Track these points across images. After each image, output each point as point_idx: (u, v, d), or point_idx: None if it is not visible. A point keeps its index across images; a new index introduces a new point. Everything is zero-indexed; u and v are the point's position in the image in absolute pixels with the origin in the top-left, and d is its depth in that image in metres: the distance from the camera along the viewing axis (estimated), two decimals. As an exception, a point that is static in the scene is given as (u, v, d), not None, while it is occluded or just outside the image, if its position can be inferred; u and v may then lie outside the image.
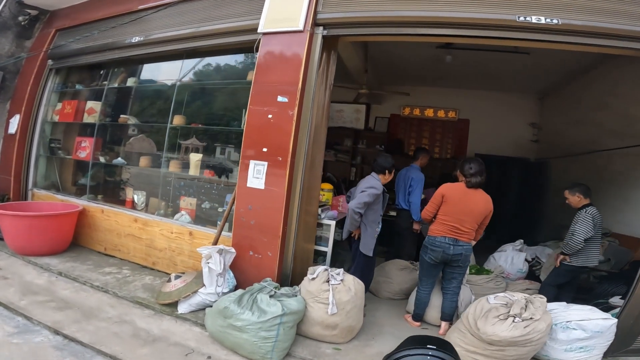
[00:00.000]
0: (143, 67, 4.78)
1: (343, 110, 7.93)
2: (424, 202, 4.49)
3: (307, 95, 3.23)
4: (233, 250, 3.23)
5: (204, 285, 3.12)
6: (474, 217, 3.06)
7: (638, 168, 4.20)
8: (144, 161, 4.47)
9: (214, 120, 4.37)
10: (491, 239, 4.80)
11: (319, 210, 3.63)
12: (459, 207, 3.05)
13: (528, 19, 2.71)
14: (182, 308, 3.11)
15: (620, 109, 4.61)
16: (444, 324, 3.21)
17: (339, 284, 2.95)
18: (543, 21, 2.69)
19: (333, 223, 3.62)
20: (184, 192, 4.19)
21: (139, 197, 4.38)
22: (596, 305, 3.30)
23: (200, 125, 4.23)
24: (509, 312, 2.59)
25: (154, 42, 4.21)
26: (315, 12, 3.27)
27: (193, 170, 4.07)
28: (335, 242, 3.79)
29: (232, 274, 3.28)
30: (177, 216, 4.05)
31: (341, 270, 3.09)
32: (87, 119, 4.89)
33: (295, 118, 3.15)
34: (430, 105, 7.53)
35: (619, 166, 4.52)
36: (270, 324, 2.60)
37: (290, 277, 3.31)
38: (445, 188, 3.14)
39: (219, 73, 4.30)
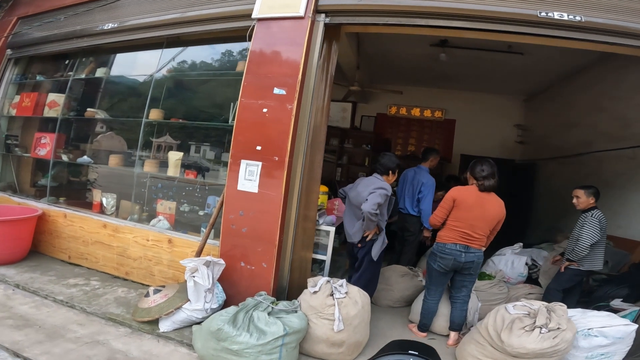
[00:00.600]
0: (116, 56, 4.33)
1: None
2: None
3: (307, 88, 2.91)
4: (222, 262, 2.86)
5: (188, 300, 2.77)
6: (487, 222, 2.86)
7: (633, 171, 4.19)
8: (114, 160, 3.98)
9: (198, 115, 3.94)
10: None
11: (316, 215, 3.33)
12: (472, 212, 2.84)
13: (550, 14, 2.54)
14: (165, 326, 2.73)
15: (614, 111, 4.62)
16: (453, 334, 3.01)
17: (344, 297, 2.67)
18: (565, 17, 2.53)
19: (332, 229, 3.32)
20: (162, 195, 3.74)
21: (108, 200, 3.89)
22: (597, 308, 3.26)
23: (180, 121, 3.79)
24: (534, 322, 2.44)
25: (130, 29, 3.76)
26: (317, -2, 2.97)
27: (172, 171, 3.63)
28: (333, 249, 3.50)
29: (220, 288, 2.92)
30: (153, 222, 3.62)
31: (343, 281, 2.81)
32: (49, 112, 4.39)
33: (294, 113, 2.82)
34: (417, 104, 7.42)
35: (615, 169, 4.53)
36: (271, 346, 2.31)
37: (287, 290, 3.00)
38: (457, 192, 2.92)
39: (204, 63, 3.88)
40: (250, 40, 3.05)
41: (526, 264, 4.22)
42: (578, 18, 2.54)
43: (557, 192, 5.67)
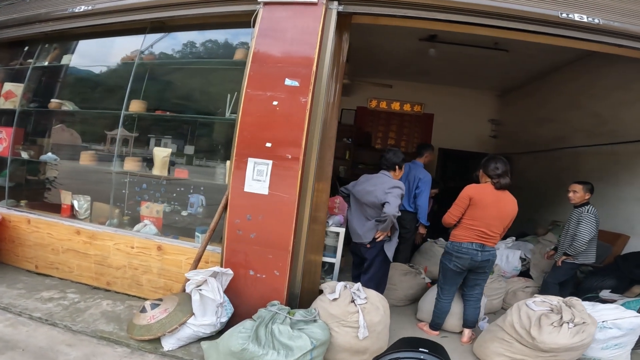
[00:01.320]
0: (87, 42, 3.77)
1: (307, 100, 7.43)
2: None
3: (320, 80, 2.68)
4: (230, 271, 2.61)
5: (192, 314, 2.50)
6: (503, 221, 2.86)
7: (610, 166, 4.45)
8: (86, 157, 3.48)
9: (187, 107, 3.55)
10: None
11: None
12: (489, 211, 2.81)
13: (571, 16, 2.54)
14: (169, 344, 2.46)
15: (590, 109, 4.88)
16: (467, 331, 3.01)
17: (366, 302, 2.54)
18: (585, 20, 2.53)
19: (342, 230, 3.16)
20: (147, 197, 3.33)
21: (80, 204, 3.40)
22: (587, 299, 3.40)
23: (168, 113, 3.38)
24: (561, 318, 2.50)
25: (106, 12, 3.27)
26: (331, -17, 2.73)
27: (159, 169, 3.24)
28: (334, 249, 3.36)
29: (227, 299, 2.66)
30: (138, 226, 3.24)
31: (359, 285, 2.68)
32: (5, 104, 3.80)
33: (309, 107, 2.59)
34: (397, 98, 7.41)
35: (591, 164, 4.79)
36: None
37: (299, 298, 2.79)
38: (473, 190, 2.87)
39: (194, 51, 3.47)
40: (254, 26, 2.75)
41: (520, 257, 4.34)
42: (597, 21, 2.57)
43: (531, 186, 5.95)
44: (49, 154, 3.62)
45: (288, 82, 2.60)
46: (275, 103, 2.62)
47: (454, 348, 2.88)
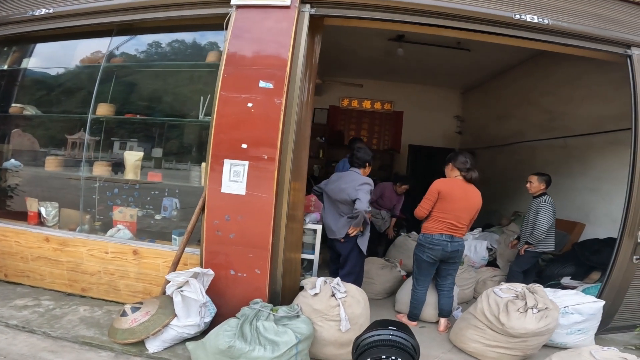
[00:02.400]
0: (49, 45, 3.62)
1: (280, 100, 7.44)
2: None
3: (293, 82, 2.74)
4: (211, 272, 2.63)
5: (175, 316, 2.50)
6: (470, 212, 3.03)
7: (563, 158, 4.82)
8: (52, 163, 3.35)
9: (159, 110, 3.49)
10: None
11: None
12: (458, 204, 2.97)
13: (523, 17, 2.75)
14: (154, 346, 2.45)
15: (543, 104, 5.24)
16: (443, 321, 3.16)
17: (346, 296, 2.63)
18: (536, 20, 2.75)
19: (319, 227, 3.25)
20: (120, 202, 3.26)
21: (48, 210, 3.28)
22: (550, 286, 3.59)
23: (138, 116, 3.32)
24: (525, 304, 2.61)
25: (69, 15, 3.18)
26: (303, -13, 2.80)
27: (131, 173, 3.19)
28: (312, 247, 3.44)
29: (209, 300, 2.68)
30: (111, 232, 3.18)
31: (338, 280, 2.77)
32: None
33: (283, 108, 2.64)
34: (368, 97, 7.60)
35: (546, 157, 5.15)
36: (287, 356, 2.21)
37: (280, 295, 2.85)
38: (442, 184, 3.03)
39: (165, 53, 3.42)
40: (227, 29, 2.77)
41: (487, 248, 4.56)
42: (546, 21, 2.80)
43: (495, 178, 6.30)
44: (12, 160, 3.45)
45: (262, 84, 2.64)
46: (250, 105, 2.66)
47: (432, 337, 3.02)
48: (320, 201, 3.43)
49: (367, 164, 3.30)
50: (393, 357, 2.15)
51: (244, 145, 2.65)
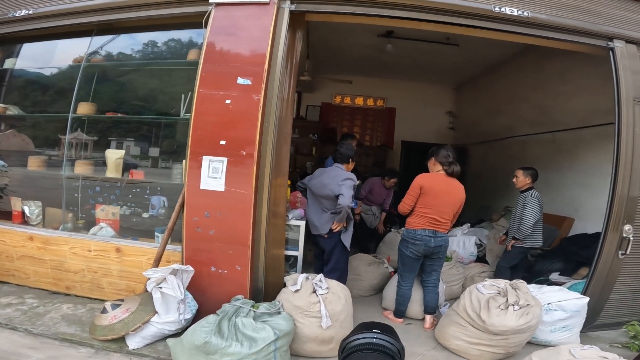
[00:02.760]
0: (30, 45, 3.61)
1: (273, 98, 7.44)
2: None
3: (273, 78, 2.73)
4: (190, 268, 2.63)
5: (156, 313, 2.51)
6: (453, 207, 3.02)
7: (552, 153, 4.80)
8: (34, 162, 3.35)
9: (140, 109, 3.48)
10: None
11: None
12: (440, 199, 2.96)
13: (502, 9, 2.74)
14: (134, 342, 2.47)
15: (533, 99, 5.22)
16: (429, 317, 3.14)
17: (327, 292, 2.64)
18: (515, 13, 2.74)
19: (303, 223, 3.24)
20: (102, 200, 3.26)
21: (32, 209, 3.29)
22: (539, 282, 3.60)
23: (119, 115, 3.32)
24: (506, 300, 2.59)
25: (50, 16, 3.17)
26: (283, -17, 2.79)
27: (112, 172, 3.19)
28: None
29: (190, 296, 2.68)
30: (94, 230, 3.19)
31: (321, 276, 2.77)
32: None
33: (261, 104, 2.63)
34: (361, 94, 7.58)
35: (536, 151, 5.14)
36: (265, 352, 2.21)
37: (263, 291, 2.85)
38: (424, 179, 3.01)
39: (146, 52, 3.40)
40: (206, 26, 2.76)
41: (476, 243, 4.53)
42: (525, 14, 2.78)
43: (486, 174, 6.31)
44: (-1, 160, 3.46)
45: (241, 80, 2.63)
46: (228, 102, 2.65)
47: (417, 334, 3.01)
48: (305, 197, 3.42)
49: (350, 160, 3.29)
50: None
51: (223, 142, 2.64)
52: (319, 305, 2.56)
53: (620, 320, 3.13)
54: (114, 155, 3.11)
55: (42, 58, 3.68)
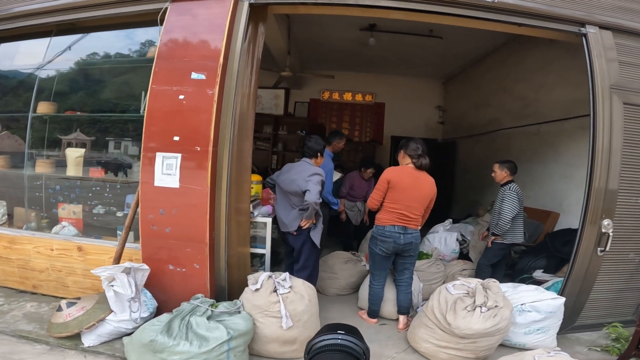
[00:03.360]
0: None
1: (261, 95, 7.44)
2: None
3: (230, 72, 2.67)
4: (146, 266, 2.58)
5: (112, 311, 2.49)
6: (422, 202, 2.90)
7: (537, 145, 4.68)
8: (-2, 161, 3.33)
9: (102, 107, 3.43)
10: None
11: (251, 206, 3.14)
12: (408, 193, 2.85)
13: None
14: (89, 340, 2.47)
15: (517, 91, 5.10)
16: (402, 318, 3.03)
17: (289, 292, 2.56)
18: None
19: (269, 220, 3.17)
20: (62, 198, 3.23)
21: (-4, 209, 3.25)
22: (522, 280, 3.49)
23: (78, 113, 3.29)
24: (474, 302, 2.48)
25: (6, 18, 3.16)
26: (241, -24, 2.72)
27: (73, 170, 3.16)
28: (272, 241, 3.37)
29: (149, 294, 2.66)
30: (56, 228, 3.17)
31: (286, 275, 2.70)
32: None
33: (216, 99, 2.56)
34: (349, 89, 7.49)
35: (521, 144, 5.02)
36: (217, 352, 2.16)
37: (227, 289, 2.80)
38: (391, 173, 2.91)
39: (107, 50, 3.36)
40: (161, 24, 2.70)
41: (457, 239, 4.39)
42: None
43: (474, 168, 6.19)
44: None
45: (194, 75, 2.58)
46: (181, 97, 2.59)
47: (389, 336, 2.91)
48: (274, 193, 3.35)
49: (318, 154, 3.20)
50: None
51: (176, 138, 2.59)
52: (279, 305, 2.49)
53: (601, 321, 3.00)
54: (74, 154, 3.08)
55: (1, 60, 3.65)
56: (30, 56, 3.36)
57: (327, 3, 2.85)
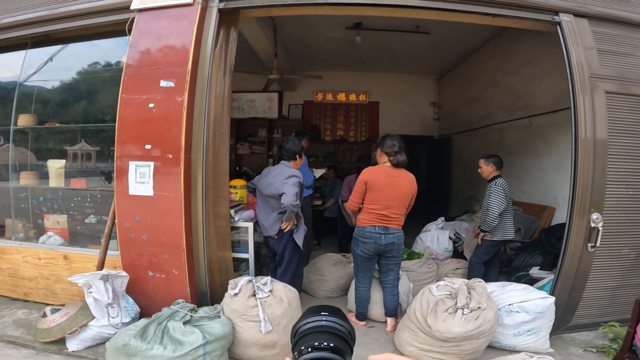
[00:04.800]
0: None
1: (255, 99, 7.44)
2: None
3: (201, 79, 2.68)
4: (124, 273, 2.62)
5: (94, 317, 2.56)
6: (401, 200, 2.84)
7: (529, 138, 4.58)
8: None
9: (82, 117, 3.48)
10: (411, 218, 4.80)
11: (232, 211, 3.15)
12: (386, 193, 2.80)
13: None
14: (73, 345, 2.53)
15: (507, 85, 5.01)
16: (390, 320, 2.98)
17: (268, 296, 2.55)
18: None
19: (251, 225, 3.17)
20: (46, 209, 3.31)
21: (-15, 222, 3.34)
22: (518, 278, 3.40)
23: (57, 125, 3.35)
24: (455, 303, 2.41)
25: None
26: (209, -18, 2.74)
27: (54, 181, 3.23)
28: (257, 245, 3.38)
29: (131, 300, 2.70)
30: (43, 238, 3.25)
31: (268, 279, 2.69)
32: None
33: (185, 105, 2.58)
34: (342, 89, 7.45)
35: (513, 138, 4.92)
36: (191, 357, 2.18)
37: (209, 294, 2.81)
38: (368, 174, 2.86)
39: (83, 61, 3.40)
40: (130, 33, 2.73)
41: (450, 238, 4.30)
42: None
43: (470, 163, 6.07)
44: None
45: (163, 83, 2.59)
46: (151, 105, 2.61)
47: (376, 338, 2.87)
48: (255, 197, 3.35)
49: (297, 156, 3.17)
50: (325, 344, 2.10)
51: (148, 146, 2.61)
52: (257, 309, 2.49)
53: (598, 320, 2.87)
54: (55, 165, 3.14)
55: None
56: (7, 69, 3.43)
57: (297, 4, 2.84)
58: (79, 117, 3.47)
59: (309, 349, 0.61)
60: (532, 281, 3.26)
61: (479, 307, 2.40)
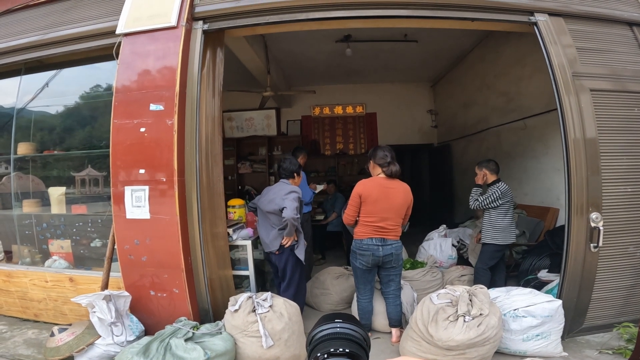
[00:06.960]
0: None
1: (253, 117, 7.55)
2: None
3: (190, 101, 2.76)
4: (126, 293, 2.66)
5: (100, 335, 2.59)
6: (396, 212, 2.84)
7: (526, 140, 4.57)
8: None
9: (83, 143, 3.58)
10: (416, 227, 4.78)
11: (231, 230, 3.20)
12: (380, 204, 2.80)
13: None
14: None
15: (498, 87, 5.03)
16: (394, 331, 2.95)
17: (268, 311, 2.57)
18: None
19: (249, 242, 3.21)
20: (50, 235, 3.40)
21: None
22: (527, 282, 3.35)
23: (55, 152, 3.46)
24: (456, 311, 2.39)
25: None
26: (192, 5, 2.84)
27: (56, 208, 3.33)
28: (259, 261, 3.40)
29: (135, 319, 2.73)
30: (48, 262, 3.34)
31: (268, 294, 2.71)
32: None
33: (176, 128, 2.65)
34: (338, 102, 7.54)
35: (510, 140, 4.91)
36: None
37: (211, 312, 2.84)
38: (361, 187, 2.87)
39: (78, 86, 3.51)
40: (117, 57, 2.83)
41: (453, 245, 4.26)
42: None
43: (470, 169, 6.04)
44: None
45: (153, 107, 2.66)
46: (142, 129, 2.68)
47: (381, 349, 2.85)
48: (257, 216, 3.40)
49: (294, 174, 3.25)
50: (341, 349, 2.09)
51: (142, 171, 2.67)
52: (257, 324, 2.50)
53: (613, 321, 2.79)
54: (56, 192, 3.24)
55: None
56: (3, 94, 3.55)
57: (280, 21, 2.90)
58: (78, 144, 3.56)
59: (325, 355, 0.63)
60: (541, 284, 3.21)
61: (480, 314, 2.37)
